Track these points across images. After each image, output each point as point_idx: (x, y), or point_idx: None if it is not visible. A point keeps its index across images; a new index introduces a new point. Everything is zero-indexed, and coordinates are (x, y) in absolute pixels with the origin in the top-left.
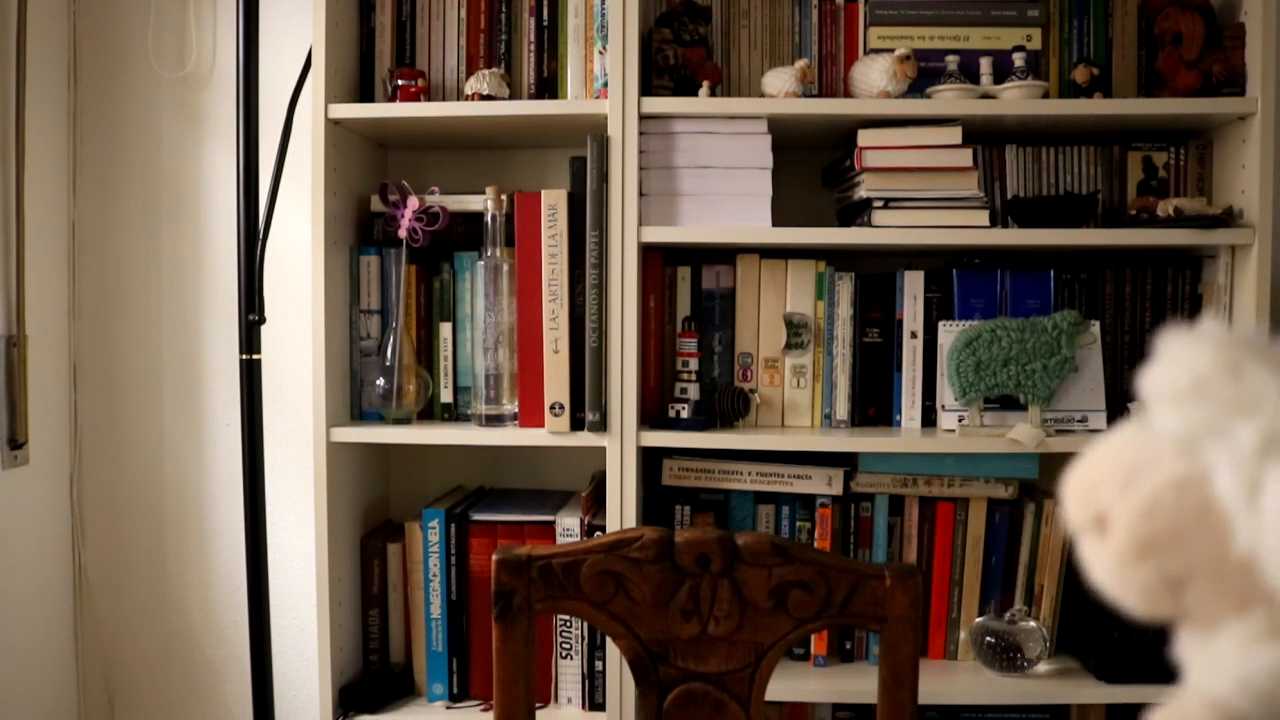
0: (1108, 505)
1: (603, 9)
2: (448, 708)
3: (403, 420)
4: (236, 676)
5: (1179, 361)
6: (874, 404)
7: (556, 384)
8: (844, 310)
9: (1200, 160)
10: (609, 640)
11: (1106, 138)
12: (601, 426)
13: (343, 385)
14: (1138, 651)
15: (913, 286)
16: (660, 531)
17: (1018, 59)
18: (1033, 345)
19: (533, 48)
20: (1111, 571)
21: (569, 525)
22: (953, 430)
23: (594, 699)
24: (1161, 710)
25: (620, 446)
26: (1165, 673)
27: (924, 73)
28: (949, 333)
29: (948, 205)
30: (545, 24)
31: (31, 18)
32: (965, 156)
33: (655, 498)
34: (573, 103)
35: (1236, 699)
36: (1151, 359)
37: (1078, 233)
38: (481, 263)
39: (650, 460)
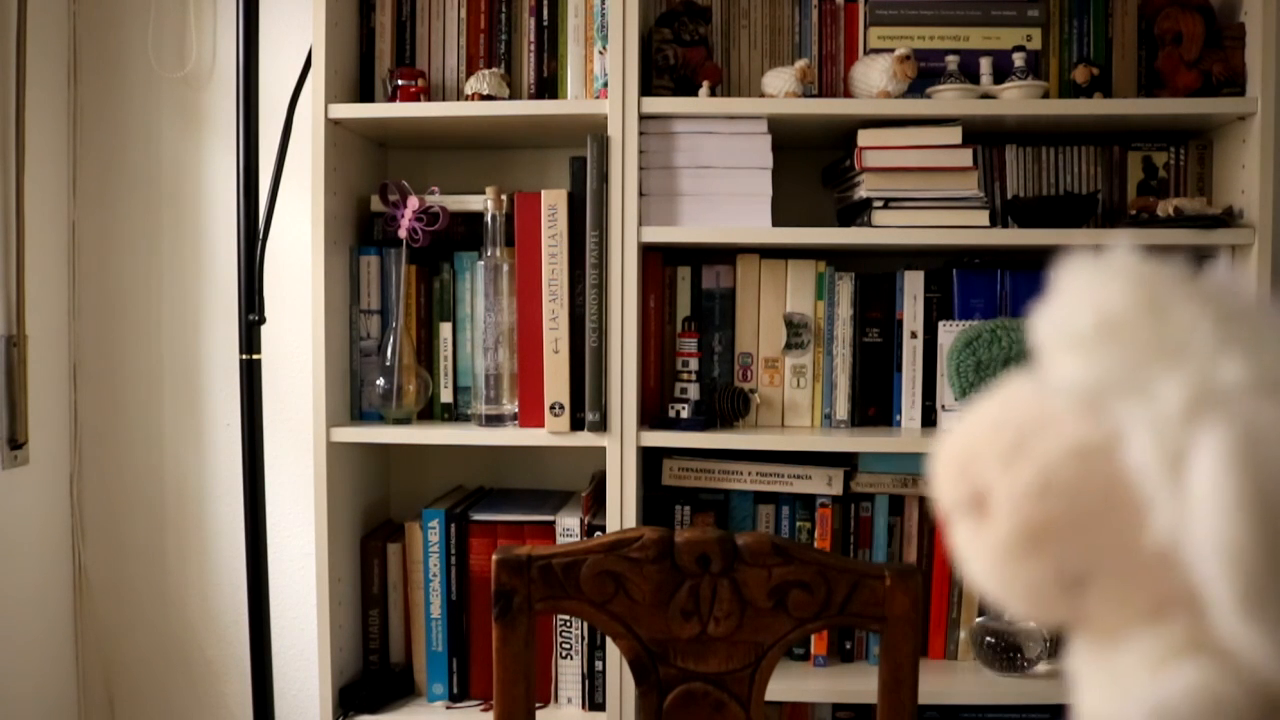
0: (989, 481)
1: (603, 9)
2: (448, 708)
3: (403, 420)
4: (236, 676)
5: (1084, 297)
6: (874, 404)
7: (556, 384)
8: (844, 310)
9: (1200, 160)
10: (609, 640)
11: (1106, 138)
12: (601, 426)
13: (343, 385)
14: None
15: (913, 286)
16: (660, 531)
17: (1018, 59)
18: (1033, 345)
19: (533, 48)
20: (993, 565)
21: (569, 525)
22: None
23: (594, 699)
24: None
25: (620, 446)
26: None
27: (924, 73)
28: (949, 333)
29: (948, 205)
30: (545, 24)
31: (31, 18)
32: (965, 156)
33: (655, 498)
34: (573, 103)
35: None
36: (1050, 293)
37: (1078, 233)
38: (481, 263)
39: (650, 460)
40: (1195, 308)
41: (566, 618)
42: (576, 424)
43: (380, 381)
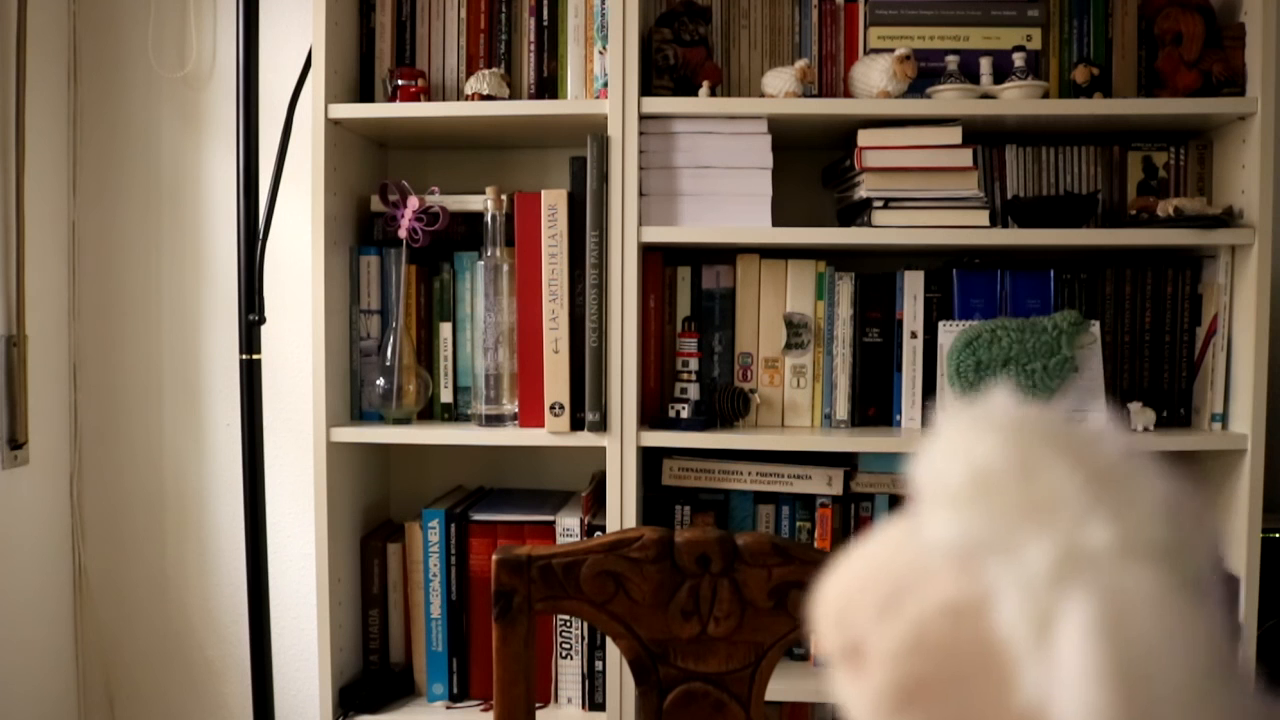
0: (863, 633)
1: (603, 9)
2: (448, 708)
3: (403, 420)
4: (236, 676)
5: (957, 450)
6: (874, 404)
7: (556, 384)
8: (844, 310)
9: (1200, 160)
10: (609, 640)
11: (1106, 138)
12: (601, 426)
13: (343, 385)
14: None
15: (913, 286)
16: (660, 531)
17: (1018, 59)
18: (1033, 345)
19: (533, 48)
20: (868, 716)
21: (569, 525)
22: None
23: (594, 699)
24: None
25: (620, 446)
26: None
27: (924, 73)
28: (949, 333)
29: (948, 205)
30: (545, 24)
31: (31, 18)
32: (965, 156)
33: (655, 498)
34: (573, 103)
35: None
36: (925, 442)
37: (1078, 233)
38: (481, 263)
39: (650, 460)
40: (1066, 467)
41: (566, 618)
42: (576, 424)
43: (380, 381)
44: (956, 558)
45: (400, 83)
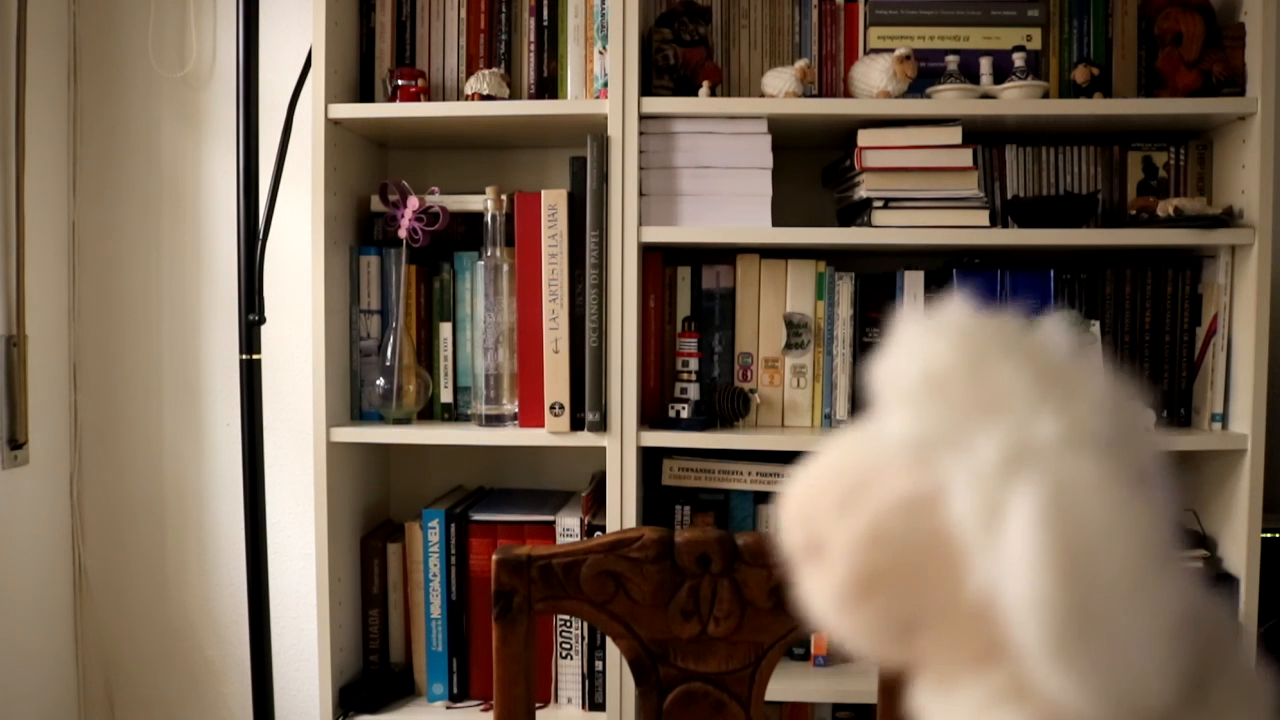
0: (825, 530)
1: (603, 9)
2: (448, 708)
3: (403, 420)
4: (236, 676)
5: (912, 352)
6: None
7: (556, 384)
8: (844, 310)
9: (1200, 160)
10: (609, 640)
11: (1106, 138)
12: (601, 426)
13: (343, 385)
14: None
15: (913, 286)
16: (660, 531)
17: (1018, 59)
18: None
19: (533, 48)
20: (830, 610)
21: (569, 525)
22: None
23: (594, 699)
24: None
25: (620, 446)
26: None
27: (924, 73)
28: None
29: (948, 205)
30: (545, 24)
31: (31, 18)
32: (965, 156)
33: (655, 498)
34: (573, 103)
35: None
36: (885, 347)
37: (1078, 233)
38: (481, 263)
39: (650, 460)
40: (1014, 365)
41: (566, 618)
42: (576, 424)
43: (380, 381)
44: (911, 454)
45: (400, 83)
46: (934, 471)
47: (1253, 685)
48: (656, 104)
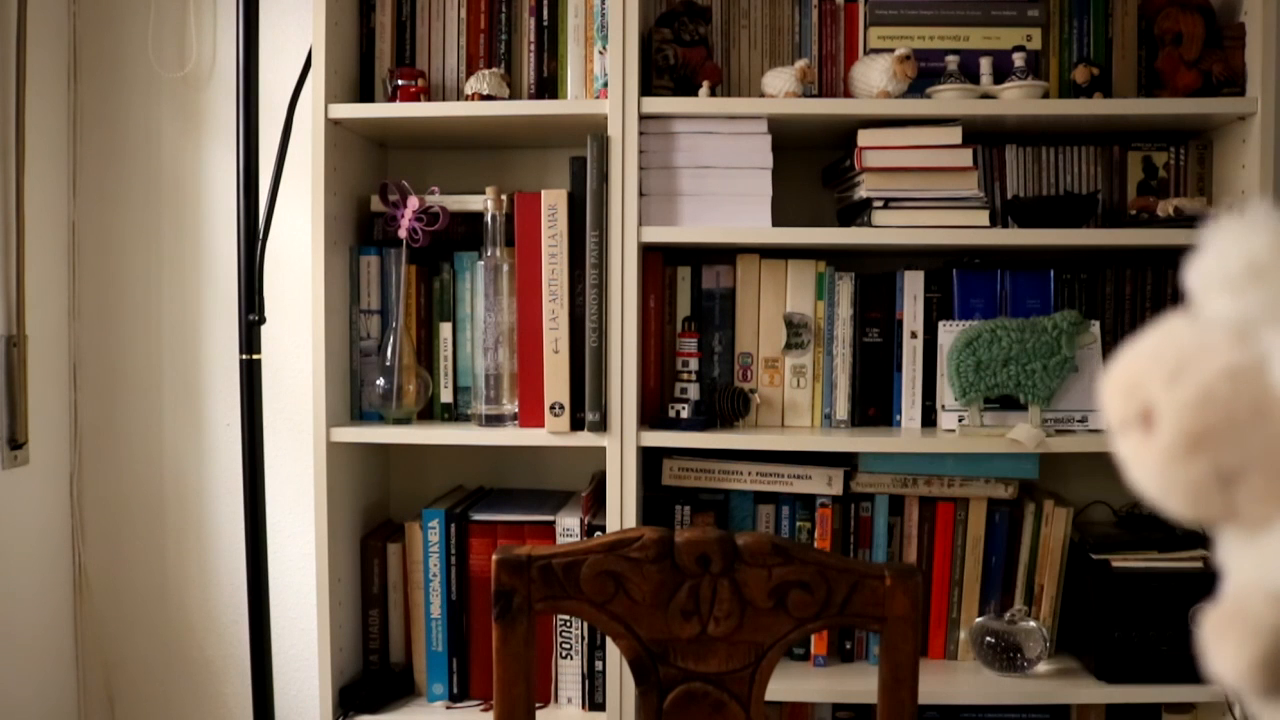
0: (1155, 398)
1: (603, 9)
2: (448, 708)
3: (403, 420)
4: (236, 676)
5: (1232, 246)
6: (874, 404)
7: (556, 384)
8: (844, 310)
9: (1200, 160)
10: (609, 640)
11: (1106, 138)
12: (601, 426)
13: (343, 385)
14: (1137, 651)
15: (913, 286)
16: (660, 531)
17: (1018, 59)
18: (1033, 345)
19: (533, 48)
20: (1158, 470)
21: (569, 525)
22: (953, 430)
23: (594, 699)
24: (1215, 609)
25: (620, 446)
26: (1165, 672)
27: (924, 73)
28: (949, 333)
29: (948, 205)
30: (545, 24)
31: (31, 18)
32: (965, 156)
33: (655, 498)
34: (573, 103)
35: None
36: (1199, 248)
37: (1078, 233)
38: (481, 263)
39: (650, 460)
40: None
41: (566, 618)
42: (576, 424)
43: (380, 381)
44: (1235, 331)
45: (400, 83)
46: (1257, 345)
47: None
48: (656, 104)
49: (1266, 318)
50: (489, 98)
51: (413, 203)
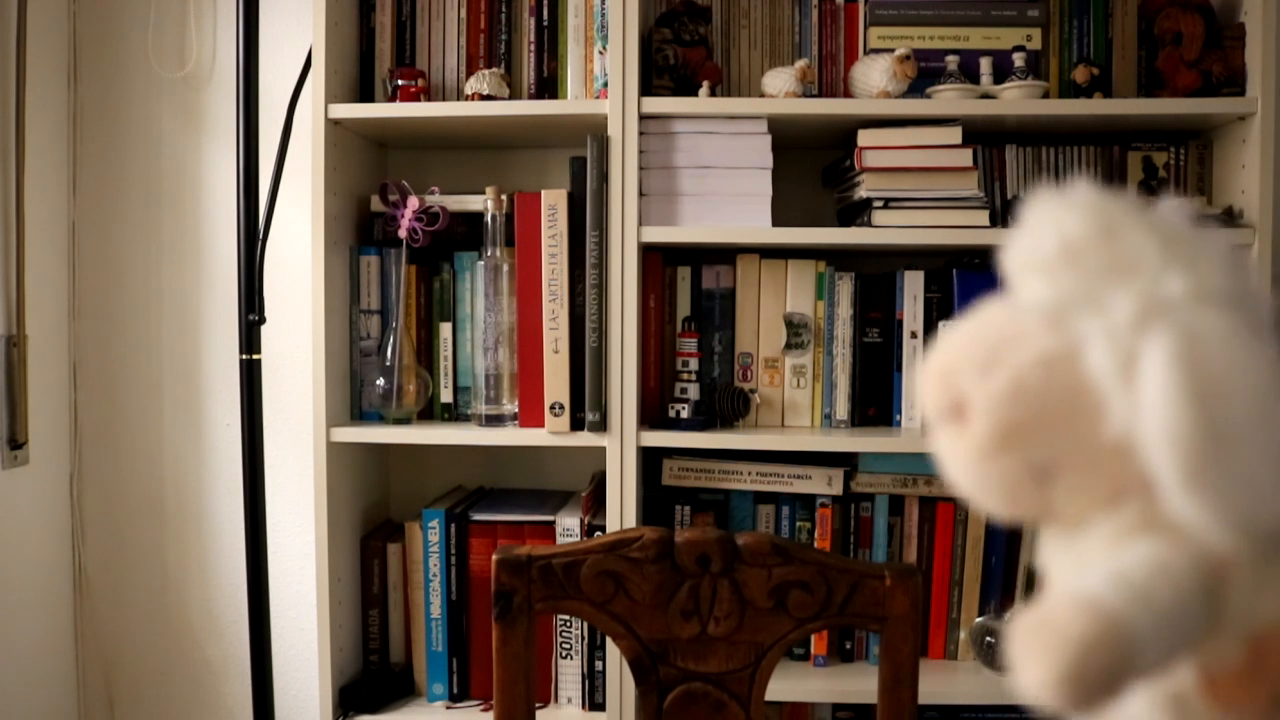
0: (967, 390)
1: (603, 9)
2: (448, 708)
3: (403, 420)
4: (236, 676)
5: (1047, 226)
6: (874, 404)
7: (556, 384)
8: (844, 310)
9: (1200, 160)
10: (609, 640)
11: (1106, 138)
12: (601, 426)
13: (343, 385)
14: None
15: (913, 286)
16: (660, 531)
17: (1018, 59)
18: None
19: (533, 48)
20: (971, 465)
21: (569, 525)
22: None
23: (594, 699)
24: (1027, 616)
25: (620, 446)
26: None
27: (924, 73)
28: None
29: (948, 205)
30: (545, 24)
31: (31, 18)
32: (965, 156)
33: (655, 498)
34: (573, 103)
35: (1110, 596)
36: (1017, 226)
37: None
38: (481, 263)
39: (650, 460)
40: (1143, 232)
41: (566, 618)
42: (576, 424)
43: (380, 381)
44: (1049, 316)
45: (400, 83)
46: (1071, 330)
47: None
48: (656, 104)
49: (1080, 301)
50: (489, 98)
51: (413, 203)
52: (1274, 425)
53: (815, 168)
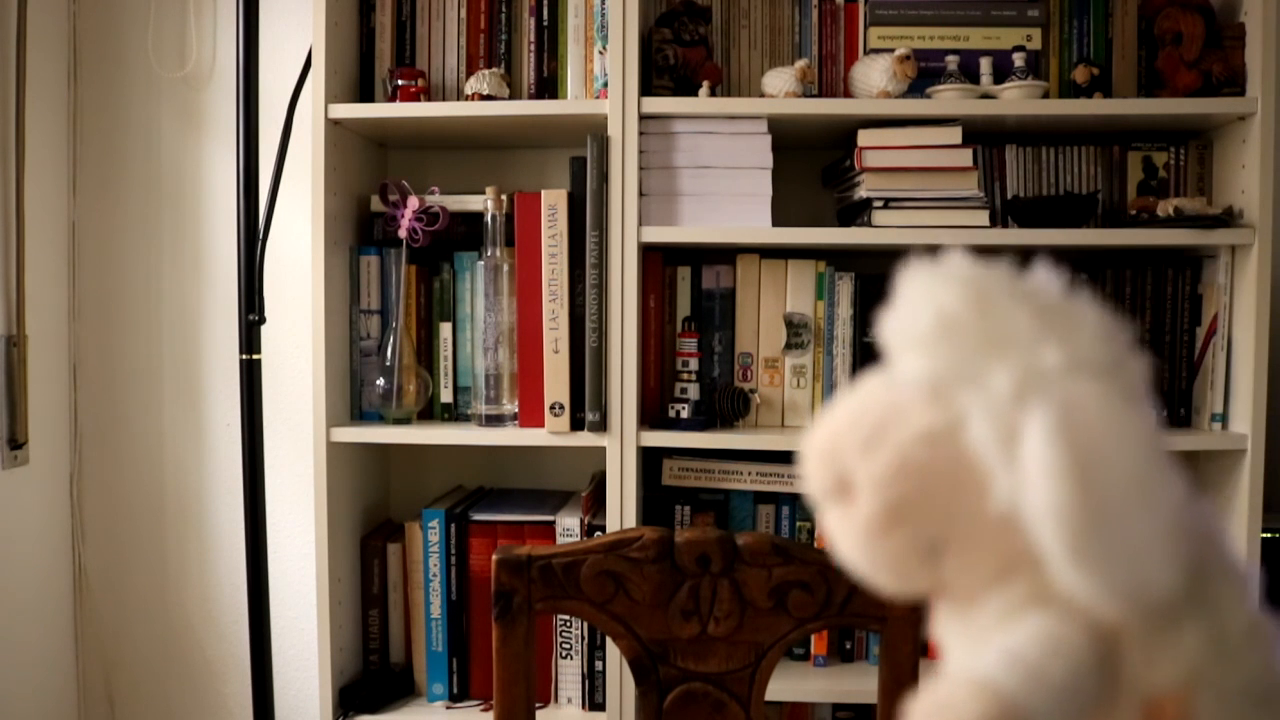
0: (851, 468)
1: (603, 9)
2: (448, 708)
3: (403, 420)
4: (236, 676)
5: (922, 301)
6: None
7: (556, 384)
8: (844, 310)
9: (1200, 160)
10: (609, 640)
11: (1106, 138)
12: (601, 426)
13: (343, 385)
14: None
15: None
16: (660, 531)
17: (1018, 59)
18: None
19: (533, 48)
20: (859, 543)
21: (569, 525)
22: None
23: (594, 699)
24: (924, 699)
25: (620, 446)
26: None
27: (924, 73)
28: None
29: (948, 205)
30: (545, 24)
31: (31, 18)
32: (965, 156)
33: (655, 498)
34: (573, 103)
35: (1003, 676)
36: (892, 299)
37: (1078, 233)
38: (481, 263)
39: (650, 460)
40: (1017, 305)
41: (566, 618)
42: (576, 424)
43: (380, 381)
44: (929, 391)
45: (400, 83)
46: (951, 405)
47: (1241, 579)
48: (656, 104)
49: (958, 376)
50: (489, 98)
51: (413, 203)
52: (1153, 494)
53: (815, 168)
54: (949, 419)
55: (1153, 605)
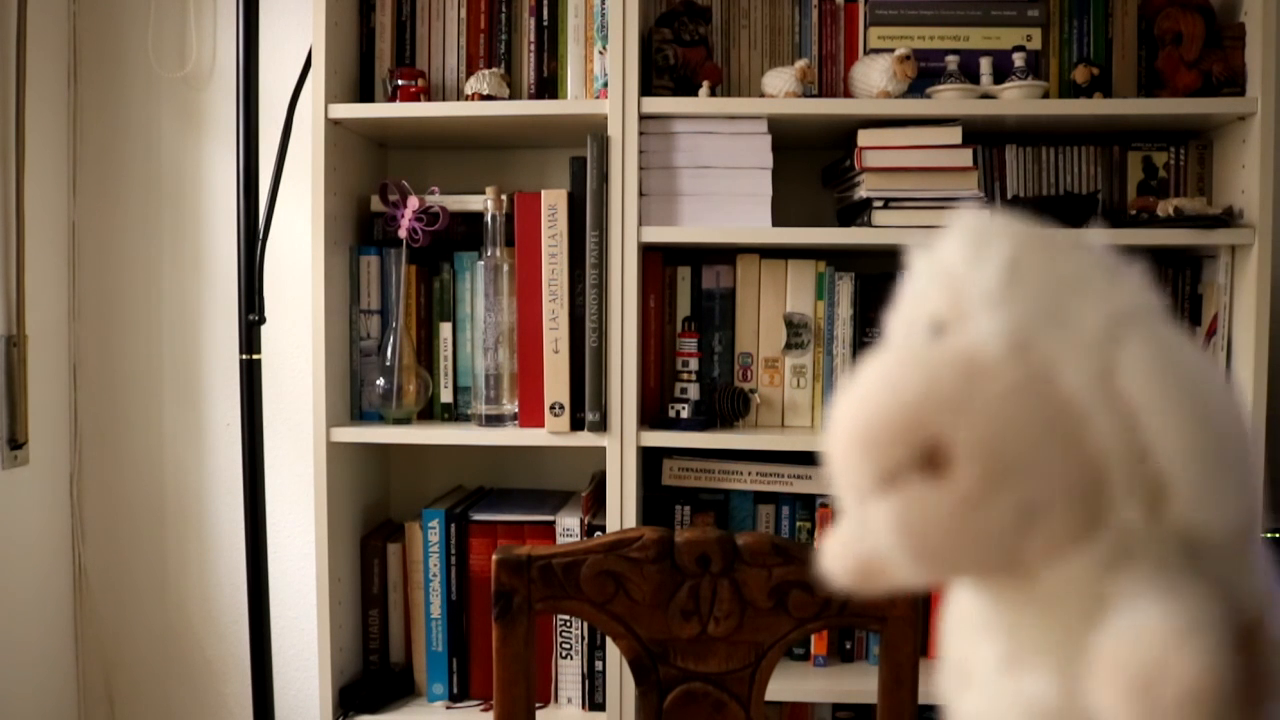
0: (945, 437)
1: (603, 9)
2: (448, 708)
3: (403, 420)
4: (236, 676)
5: (981, 254)
6: None
7: (556, 384)
8: (844, 310)
9: (1200, 160)
10: (609, 640)
11: (1106, 138)
12: (601, 426)
13: (343, 385)
14: None
15: None
16: (660, 531)
17: (1018, 59)
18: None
19: (533, 48)
20: (954, 520)
21: (569, 525)
22: None
23: (594, 699)
24: (1108, 672)
25: (620, 446)
26: None
27: (924, 73)
28: None
29: (948, 205)
30: (545, 24)
31: (31, 18)
32: (965, 156)
33: (655, 498)
34: (573, 103)
35: (1191, 622)
36: (904, 285)
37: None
38: (481, 263)
39: (650, 460)
40: (1075, 251)
41: (566, 618)
42: (576, 424)
43: (380, 381)
44: (1008, 343)
45: (400, 83)
46: (1036, 352)
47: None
48: (656, 104)
49: (1042, 321)
50: (489, 98)
51: (413, 203)
52: (1248, 423)
53: (815, 168)
54: (1036, 367)
55: (1252, 533)
